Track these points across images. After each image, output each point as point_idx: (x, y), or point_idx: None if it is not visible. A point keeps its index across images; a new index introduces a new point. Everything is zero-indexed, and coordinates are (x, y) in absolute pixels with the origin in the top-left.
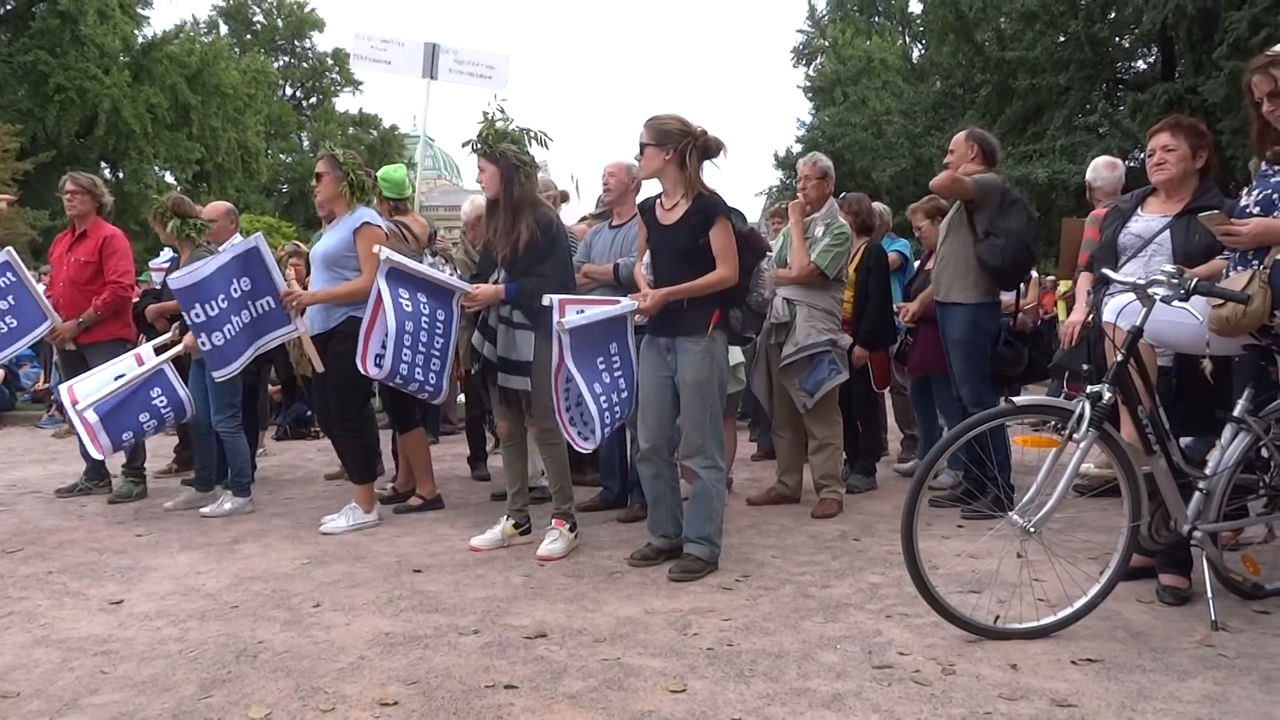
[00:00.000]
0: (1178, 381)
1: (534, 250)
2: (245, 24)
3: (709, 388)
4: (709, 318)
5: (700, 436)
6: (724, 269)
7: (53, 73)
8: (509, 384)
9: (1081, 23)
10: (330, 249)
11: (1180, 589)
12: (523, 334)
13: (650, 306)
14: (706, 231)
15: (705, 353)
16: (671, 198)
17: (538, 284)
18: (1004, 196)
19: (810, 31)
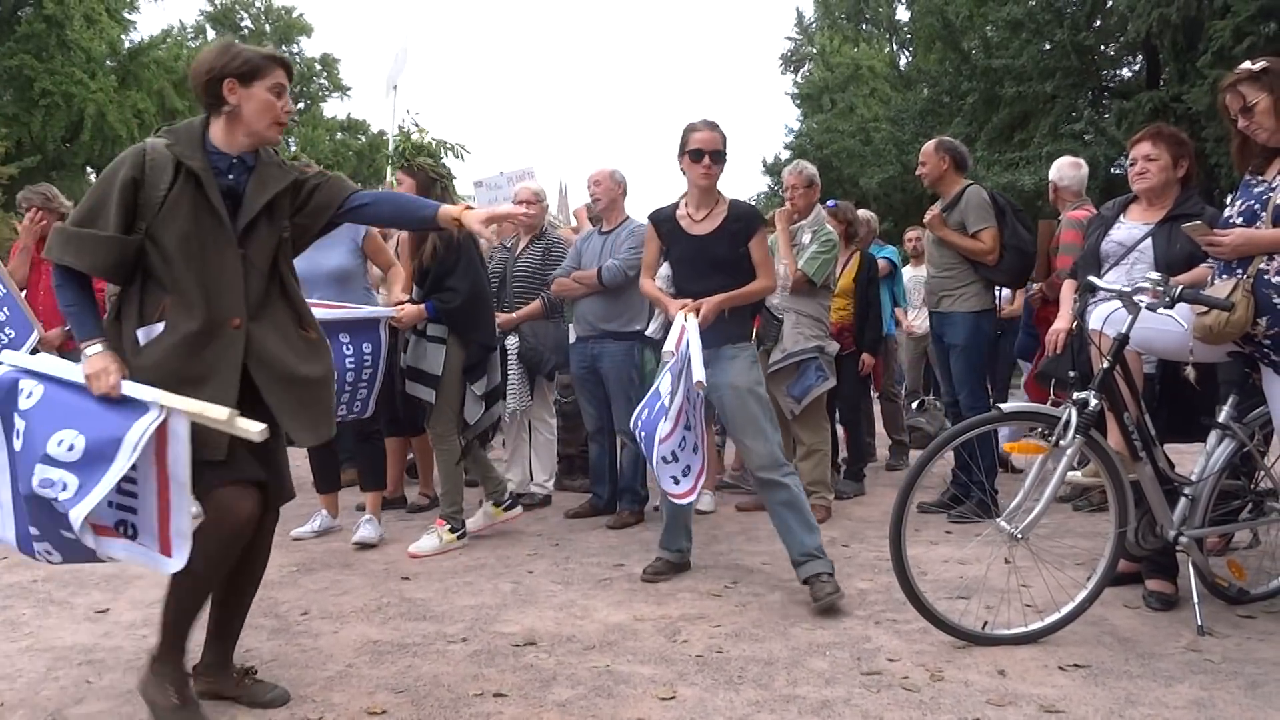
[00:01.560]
0: (1161, 388)
1: (441, 263)
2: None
3: (761, 389)
4: (750, 324)
5: (767, 443)
6: (765, 278)
7: (38, 78)
8: (415, 393)
9: (1067, 31)
10: (344, 264)
11: (1167, 594)
12: (434, 346)
13: (710, 313)
14: (747, 241)
15: (751, 358)
16: (702, 207)
17: (449, 298)
18: (1001, 215)
19: (798, 39)
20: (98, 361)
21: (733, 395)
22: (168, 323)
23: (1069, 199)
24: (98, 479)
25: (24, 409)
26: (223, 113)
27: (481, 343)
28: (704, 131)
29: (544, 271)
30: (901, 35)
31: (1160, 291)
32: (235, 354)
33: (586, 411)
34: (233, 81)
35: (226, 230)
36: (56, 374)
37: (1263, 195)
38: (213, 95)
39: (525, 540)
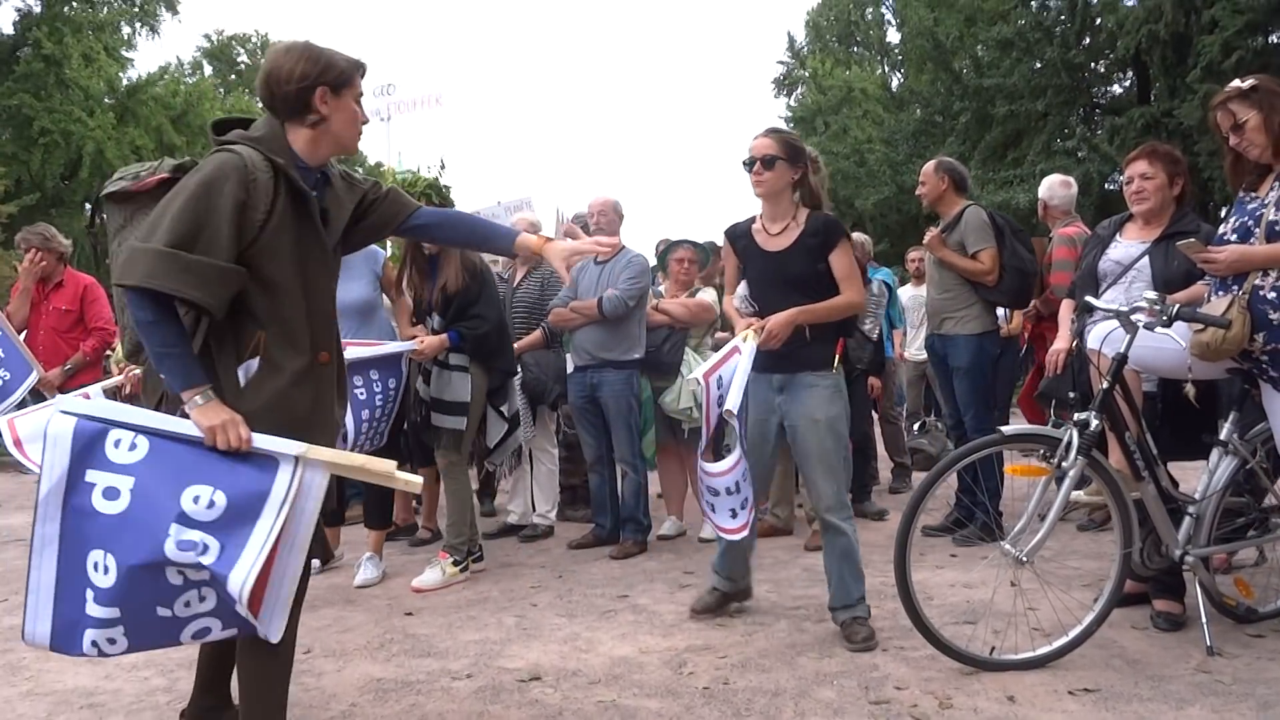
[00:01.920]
0: (1163, 407)
1: (466, 294)
2: (229, 64)
3: (842, 424)
4: (833, 349)
5: (836, 484)
6: (851, 293)
7: (37, 116)
8: (443, 424)
9: (1057, 49)
10: (367, 296)
11: (1175, 615)
12: (458, 375)
13: (778, 332)
14: (826, 255)
15: (834, 387)
16: (780, 221)
17: (477, 325)
18: (1000, 235)
19: (790, 62)
20: (218, 411)
21: (807, 427)
22: (266, 359)
23: (1059, 217)
24: (243, 540)
25: (124, 463)
26: (308, 123)
27: (504, 369)
28: (757, 139)
29: (543, 301)
30: (893, 57)
31: (1157, 310)
32: (330, 394)
33: (586, 441)
34: (325, 90)
35: (326, 255)
36: (149, 424)
37: (1256, 212)
38: (300, 104)
39: (528, 572)
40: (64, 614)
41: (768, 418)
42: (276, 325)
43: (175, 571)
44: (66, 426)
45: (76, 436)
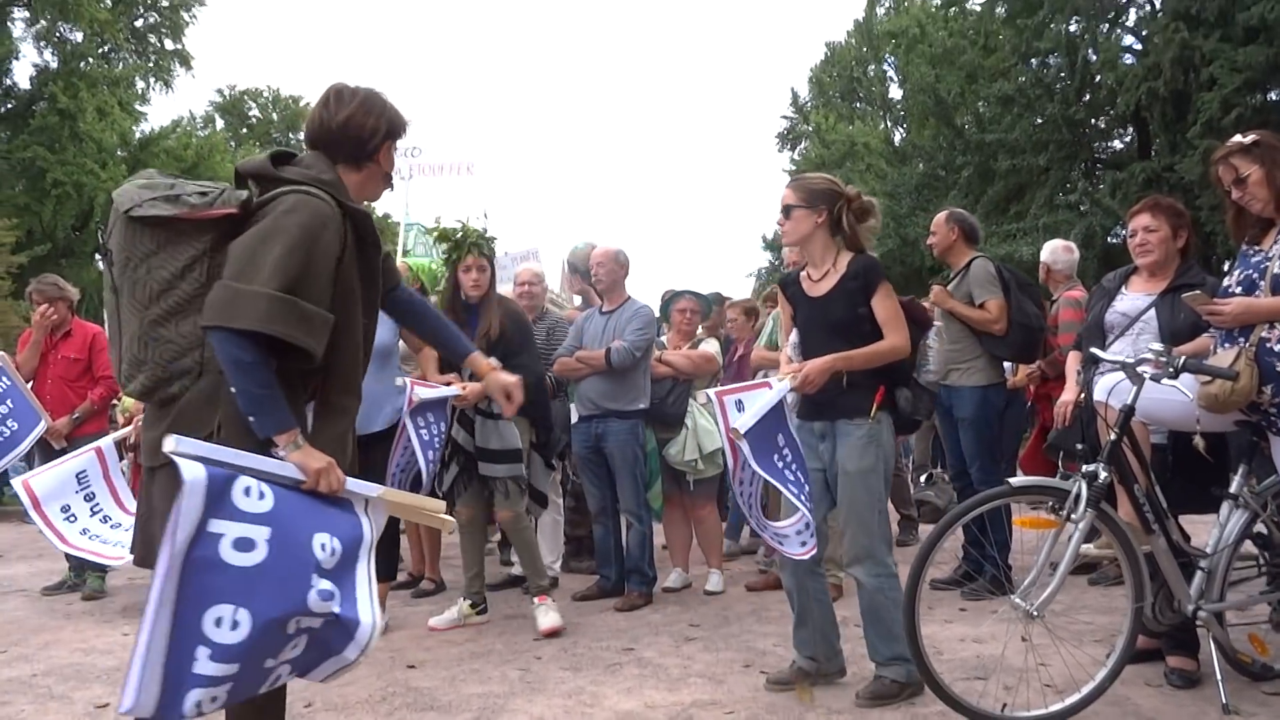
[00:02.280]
0: (1172, 459)
1: (508, 342)
2: (241, 118)
3: (874, 478)
4: (873, 396)
5: (867, 537)
6: (894, 337)
7: (50, 168)
8: (493, 472)
9: (1058, 105)
10: (387, 340)
11: (1188, 671)
12: (504, 423)
13: (813, 378)
14: (867, 300)
15: (869, 437)
16: (820, 267)
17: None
18: (1007, 289)
19: (794, 117)
20: (318, 455)
21: (840, 477)
22: (324, 403)
23: (1061, 281)
24: (353, 581)
25: (256, 512)
26: (362, 169)
27: (545, 419)
28: (784, 189)
29: (548, 350)
30: (895, 112)
31: (1164, 362)
32: (352, 438)
33: (590, 492)
34: (390, 144)
35: (378, 300)
36: (257, 467)
37: (1260, 264)
38: (365, 153)
39: (533, 624)
40: (169, 676)
41: (814, 466)
42: (337, 369)
43: (295, 622)
44: (199, 474)
45: (210, 484)
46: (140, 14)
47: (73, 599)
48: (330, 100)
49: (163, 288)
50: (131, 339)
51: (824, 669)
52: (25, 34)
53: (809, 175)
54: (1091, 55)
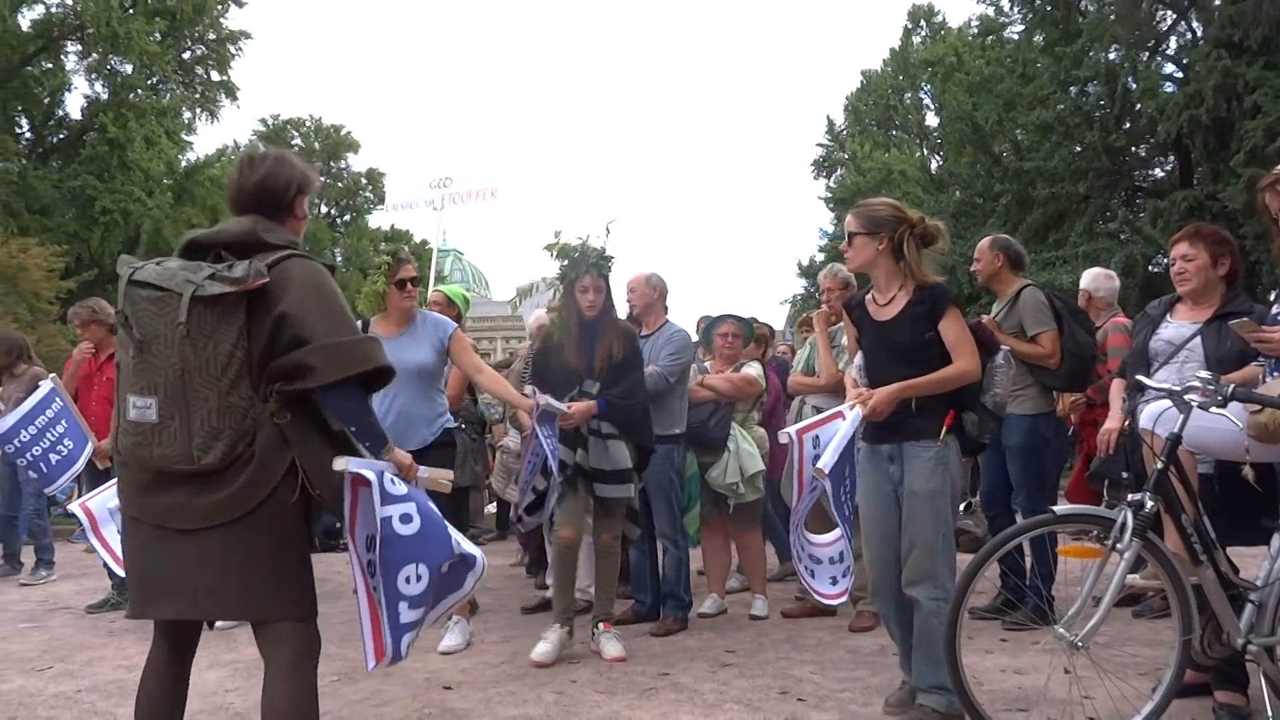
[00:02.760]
0: (1220, 489)
1: (624, 362)
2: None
3: (942, 501)
4: (942, 419)
5: (929, 559)
6: (963, 361)
7: (99, 196)
8: (606, 494)
9: (1097, 133)
10: (429, 361)
11: (1238, 707)
12: (615, 443)
13: (881, 407)
14: (934, 324)
15: (938, 460)
16: (886, 291)
17: (628, 395)
18: (1059, 318)
19: (829, 145)
20: (403, 454)
21: (907, 499)
22: None
23: (1103, 309)
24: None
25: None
26: (285, 222)
27: (646, 442)
28: (847, 215)
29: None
30: (931, 140)
31: (1211, 390)
32: None
33: None
34: (302, 196)
35: None
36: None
37: None
38: (280, 204)
39: (568, 647)
40: (391, 632)
41: (887, 489)
42: None
43: (449, 564)
44: (372, 476)
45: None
46: (188, 46)
47: (116, 617)
48: (244, 165)
49: (227, 359)
50: (210, 412)
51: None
52: (77, 66)
53: (872, 201)
54: (1131, 83)
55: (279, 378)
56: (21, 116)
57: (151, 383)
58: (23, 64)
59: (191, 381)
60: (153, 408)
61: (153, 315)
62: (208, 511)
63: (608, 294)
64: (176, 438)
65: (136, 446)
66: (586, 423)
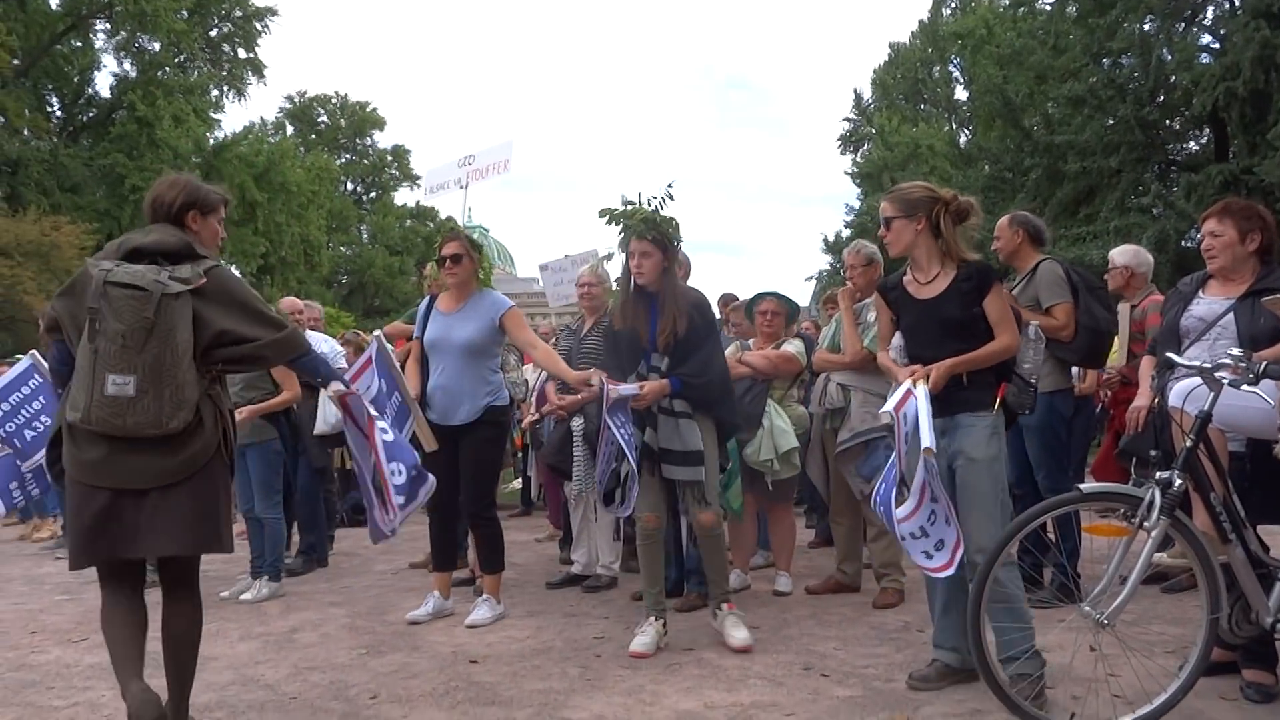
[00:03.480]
0: (1251, 467)
1: (694, 335)
2: (310, 124)
3: (999, 467)
4: (993, 391)
5: (991, 525)
6: (1006, 337)
7: (129, 174)
8: (675, 475)
9: (1130, 106)
10: (477, 338)
11: (1266, 685)
12: (686, 423)
13: (939, 381)
14: (980, 300)
15: (993, 429)
16: (928, 271)
17: (701, 371)
18: (1075, 292)
19: (857, 119)
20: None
21: (965, 467)
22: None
23: (1141, 286)
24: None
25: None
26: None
27: (728, 420)
28: (881, 201)
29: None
30: (961, 114)
31: (1243, 368)
32: None
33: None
34: (194, 210)
35: None
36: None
37: None
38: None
39: (592, 623)
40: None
41: (941, 462)
42: None
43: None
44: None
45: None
46: (215, 24)
47: (148, 589)
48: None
49: (185, 345)
50: (176, 387)
51: (967, 661)
52: (106, 45)
53: (905, 185)
54: (1166, 55)
55: (233, 361)
56: (52, 95)
57: (131, 364)
58: (52, 43)
59: (162, 363)
60: (131, 384)
61: (133, 310)
62: (168, 471)
63: (662, 261)
64: (150, 408)
65: (113, 416)
66: (658, 400)
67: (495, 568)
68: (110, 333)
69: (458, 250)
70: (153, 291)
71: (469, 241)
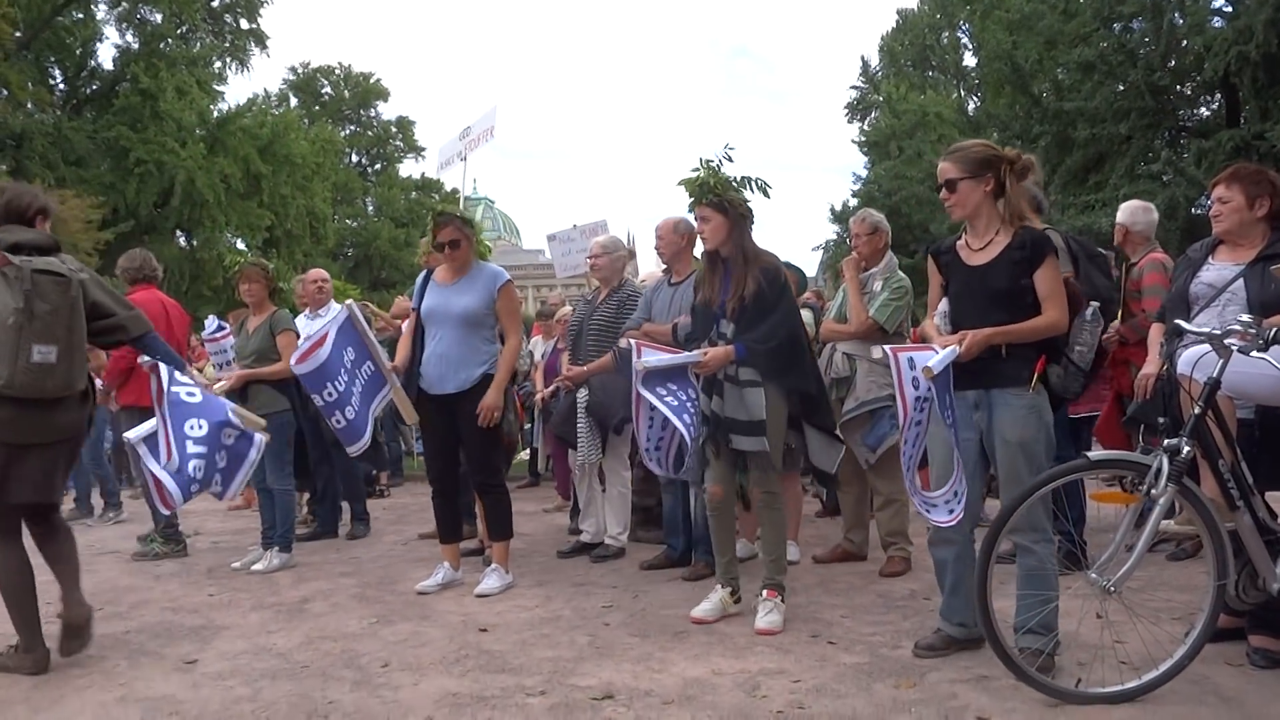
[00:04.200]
0: (1260, 434)
1: (761, 300)
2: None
3: (1037, 448)
4: (1031, 367)
5: (1030, 507)
6: (1054, 312)
7: (133, 147)
8: (740, 445)
9: (1141, 72)
10: (474, 308)
11: (1273, 651)
12: (751, 391)
13: (971, 349)
14: (1031, 272)
15: (1032, 408)
16: (983, 235)
17: (768, 338)
18: (1076, 261)
19: (864, 87)
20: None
21: (1000, 447)
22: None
23: (1140, 244)
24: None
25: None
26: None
27: (799, 387)
28: (941, 163)
29: (617, 324)
30: (969, 81)
31: (1253, 334)
32: None
33: None
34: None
35: None
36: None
37: None
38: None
39: (600, 592)
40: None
41: (967, 435)
42: None
43: (227, 431)
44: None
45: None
46: None
47: (161, 562)
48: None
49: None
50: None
51: (972, 634)
52: (108, 16)
53: (965, 144)
54: (1178, 19)
55: (102, 333)
56: (55, 68)
57: (54, 336)
58: (54, 14)
59: (74, 334)
60: (53, 353)
61: (58, 292)
62: (66, 428)
63: (725, 224)
64: (65, 374)
65: (37, 380)
66: (724, 368)
67: (503, 535)
68: (39, 311)
69: (454, 236)
70: (71, 278)
71: (463, 222)
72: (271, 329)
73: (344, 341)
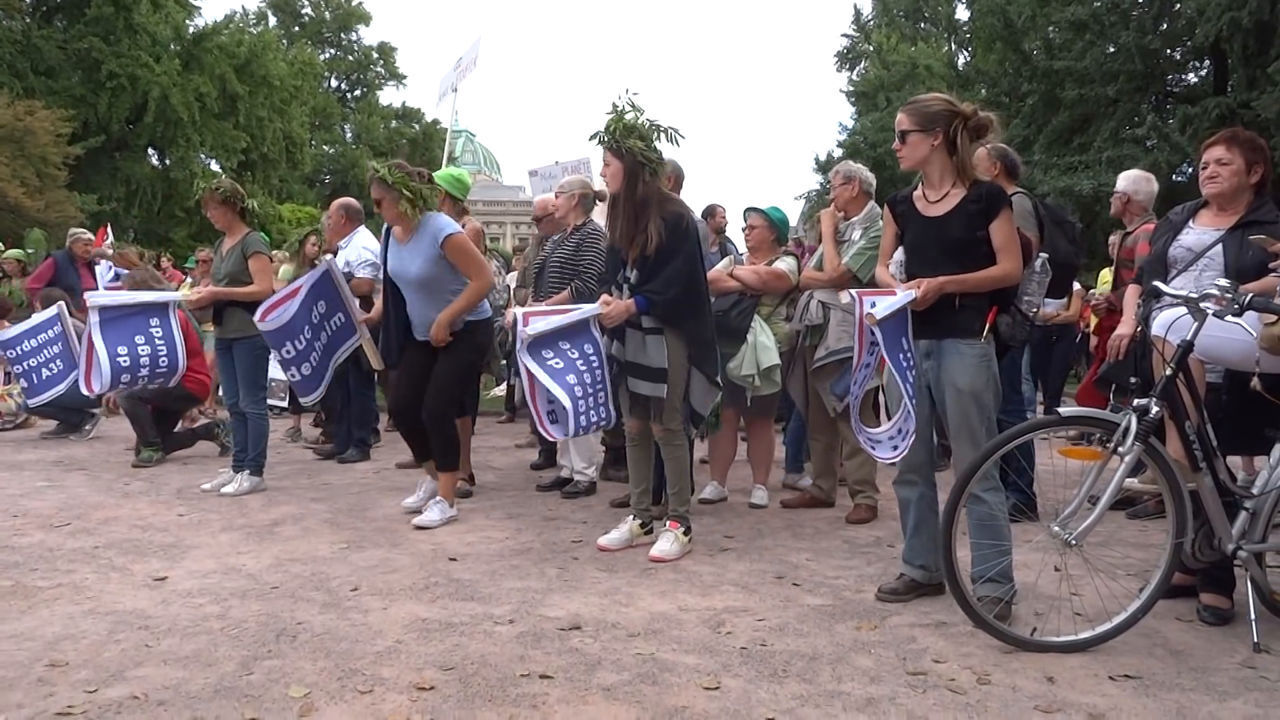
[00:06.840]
0: (1227, 399)
1: (661, 250)
2: (294, 16)
3: (987, 397)
4: (983, 318)
5: (977, 454)
6: (1007, 263)
7: (105, 60)
8: (639, 389)
9: (1133, 34)
10: (424, 273)
11: (1222, 609)
12: (653, 339)
13: (925, 297)
14: (987, 223)
15: (981, 357)
16: (939, 188)
17: (665, 288)
18: (1041, 226)
19: (855, 36)
20: None
21: (951, 396)
22: None
23: (1138, 213)
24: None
25: None
26: None
27: (699, 335)
28: (899, 114)
29: (575, 261)
30: (961, 35)
31: (1228, 299)
32: None
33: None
34: None
35: None
36: None
37: None
38: None
39: (570, 527)
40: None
41: (921, 384)
42: None
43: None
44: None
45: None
46: None
47: (130, 478)
48: None
49: None
50: None
51: (933, 578)
52: None
53: (923, 97)
54: None
55: None
56: None
57: None
58: None
59: None
60: None
61: None
62: None
63: (621, 172)
64: None
65: None
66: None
67: (449, 466)
68: None
69: (376, 195)
70: None
71: (388, 178)
72: (244, 251)
73: (316, 295)
